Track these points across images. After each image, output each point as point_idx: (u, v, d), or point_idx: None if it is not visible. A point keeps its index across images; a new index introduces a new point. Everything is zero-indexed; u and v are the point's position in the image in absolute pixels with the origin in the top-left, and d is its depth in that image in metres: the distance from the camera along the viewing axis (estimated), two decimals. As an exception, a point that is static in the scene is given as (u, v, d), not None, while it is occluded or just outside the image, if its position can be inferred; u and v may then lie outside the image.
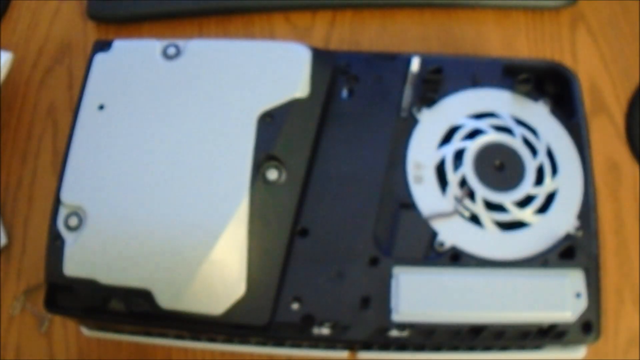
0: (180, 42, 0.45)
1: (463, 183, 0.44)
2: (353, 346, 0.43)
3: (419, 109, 0.46)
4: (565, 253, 0.42)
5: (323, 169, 0.44)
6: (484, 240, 0.42)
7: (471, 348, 0.42)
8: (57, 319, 0.48)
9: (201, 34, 0.59)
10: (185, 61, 0.45)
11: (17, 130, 0.55)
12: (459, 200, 0.43)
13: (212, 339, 0.44)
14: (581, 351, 0.44)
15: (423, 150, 0.45)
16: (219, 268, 0.40)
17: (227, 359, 0.47)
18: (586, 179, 0.44)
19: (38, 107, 0.56)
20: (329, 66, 0.46)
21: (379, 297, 0.41)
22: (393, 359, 0.43)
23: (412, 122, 0.46)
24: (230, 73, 0.44)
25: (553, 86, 0.48)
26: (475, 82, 0.47)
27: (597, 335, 0.41)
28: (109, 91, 0.44)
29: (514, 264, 0.42)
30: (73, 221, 0.41)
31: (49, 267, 0.40)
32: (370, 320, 0.41)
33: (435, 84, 0.47)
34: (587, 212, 0.43)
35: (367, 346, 0.42)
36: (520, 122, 0.46)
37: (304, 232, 0.42)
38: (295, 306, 0.41)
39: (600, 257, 0.43)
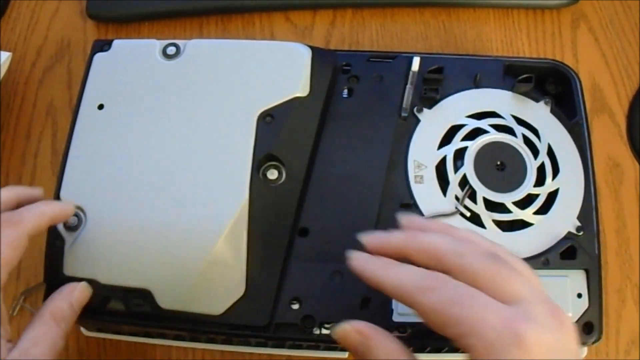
0: (180, 42, 0.45)
1: (464, 183, 0.44)
2: (353, 346, 0.43)
3: (420, 109, 0.46)
4: (566, 253, 0.42)
5: (323, 168, 0.44)
6: (484, 240, 0.42)
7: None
8: (57, 319, 0.48)
9: (201, 34, 0.58)
10: (185, 61, 0.45)
11: (16, 130, 0.55)
12: (459, 200, 0.43)
13: (211, 340, 0.44)
14: (582, 351, 0.43)
15: (424, 150, 0.45)
16: (219, 268, 0.39)
17: (227, 360, 0.47)
18: (587, 178, 0.44)
19: (37, 106, 0.55)
20: (330, 66, 0.46)
21: (379, 298, 0.41)
22: (393, 359, 0.43)
23: (412, 122, 0.45)
24: (230, 72, 0.44)
25: (554, 86, 0.48)
26: (476, 81, 0.47)
27: (599, 336, 0.41)
28: (108, 91, 0.44)
29: (514, 264, 0.42)
30: (72, 221, 0.41)
31: (48, 267, 0.40)
32: (370, 321, 0.40)
33: (435, 83, 0.46)
34: (588, 212, 0.43)
35: (368, 346, 0.42)
36: (521, 122, 0.46)
37: (304, 232, 0.42)
38: (295, 306, 0.41)
39: (602, 257, 0.43)
